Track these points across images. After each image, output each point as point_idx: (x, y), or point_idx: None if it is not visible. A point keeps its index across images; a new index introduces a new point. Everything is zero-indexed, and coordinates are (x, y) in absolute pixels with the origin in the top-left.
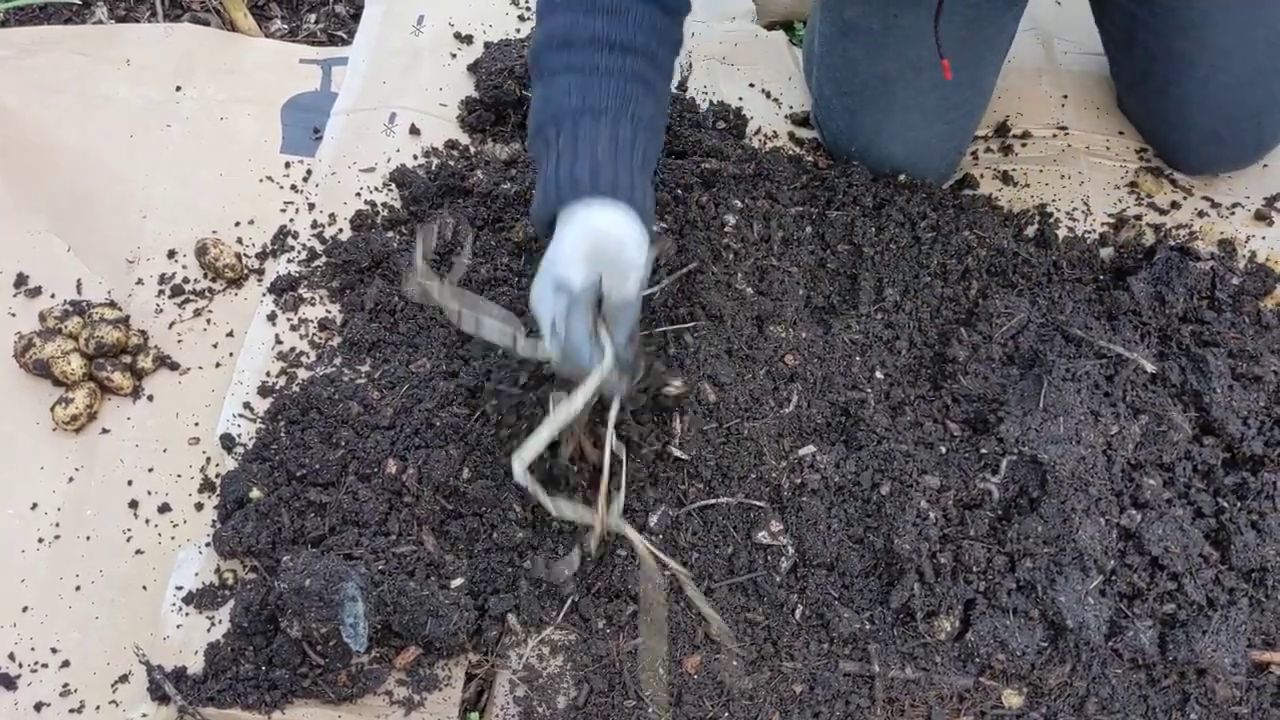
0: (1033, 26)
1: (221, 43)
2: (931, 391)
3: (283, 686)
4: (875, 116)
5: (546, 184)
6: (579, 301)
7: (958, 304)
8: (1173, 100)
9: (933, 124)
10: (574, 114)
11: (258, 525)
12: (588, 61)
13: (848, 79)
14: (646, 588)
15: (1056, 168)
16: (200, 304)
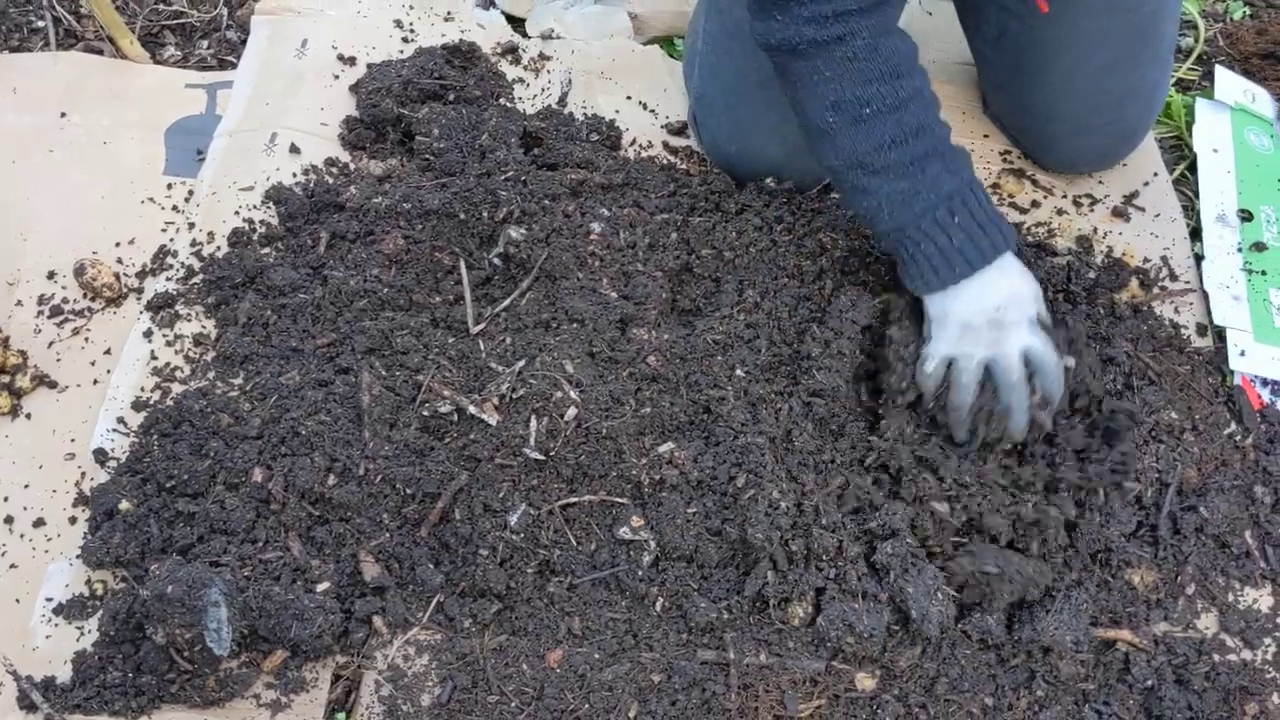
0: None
1: (109, 70)
2: (789, 387)
3: (150, 692)
4: (755, 114)
5: (966, 249)
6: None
7: (812, 302)
8: (1041, 91)
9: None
10: (954, 193)
11: (126, 536)
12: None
13: (733, 79)
14: None
15: None
16: (79, 323)
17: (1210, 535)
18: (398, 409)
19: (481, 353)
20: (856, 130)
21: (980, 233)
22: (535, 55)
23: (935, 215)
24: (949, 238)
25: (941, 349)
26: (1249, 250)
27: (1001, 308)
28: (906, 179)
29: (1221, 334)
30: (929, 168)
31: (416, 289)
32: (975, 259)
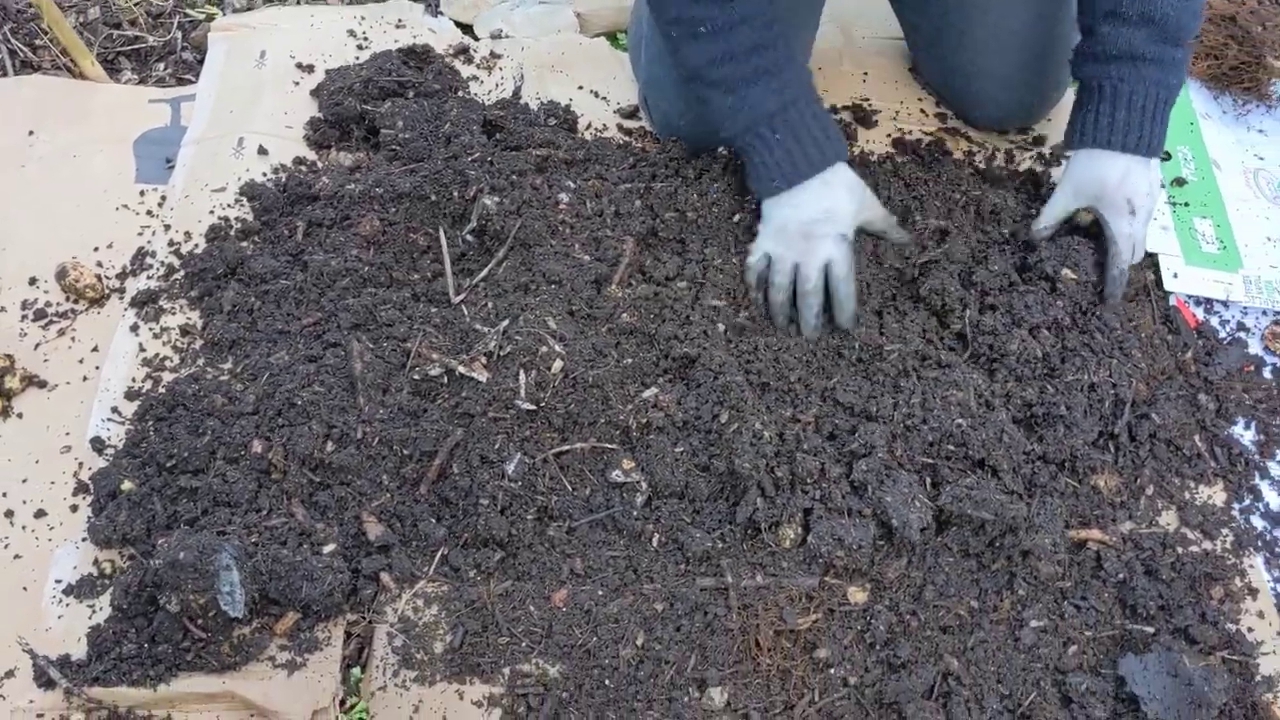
0: (833, 19)
1: (72, 90)
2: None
3: (166, 661)
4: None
5: (784, 164)
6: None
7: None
8: (968, 50)
9: None
10: (776, 112)
11: (131, 514)
12: (756, 68)
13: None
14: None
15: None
16: (64, 324)
17: (1163, 440)
18: (389, 375)
19: (465, 318)
20: (692, 45)
21: (799, 149)
22: (487, 54)
23: (758, 130)
24: (770, 151)
25: (762, 245)
26: (1171, 185)
27: (814, 221)
28: (734, 94)
29: (1155, 260)
30: (756, 84)
31: (396, 267)
32: (792, 174)
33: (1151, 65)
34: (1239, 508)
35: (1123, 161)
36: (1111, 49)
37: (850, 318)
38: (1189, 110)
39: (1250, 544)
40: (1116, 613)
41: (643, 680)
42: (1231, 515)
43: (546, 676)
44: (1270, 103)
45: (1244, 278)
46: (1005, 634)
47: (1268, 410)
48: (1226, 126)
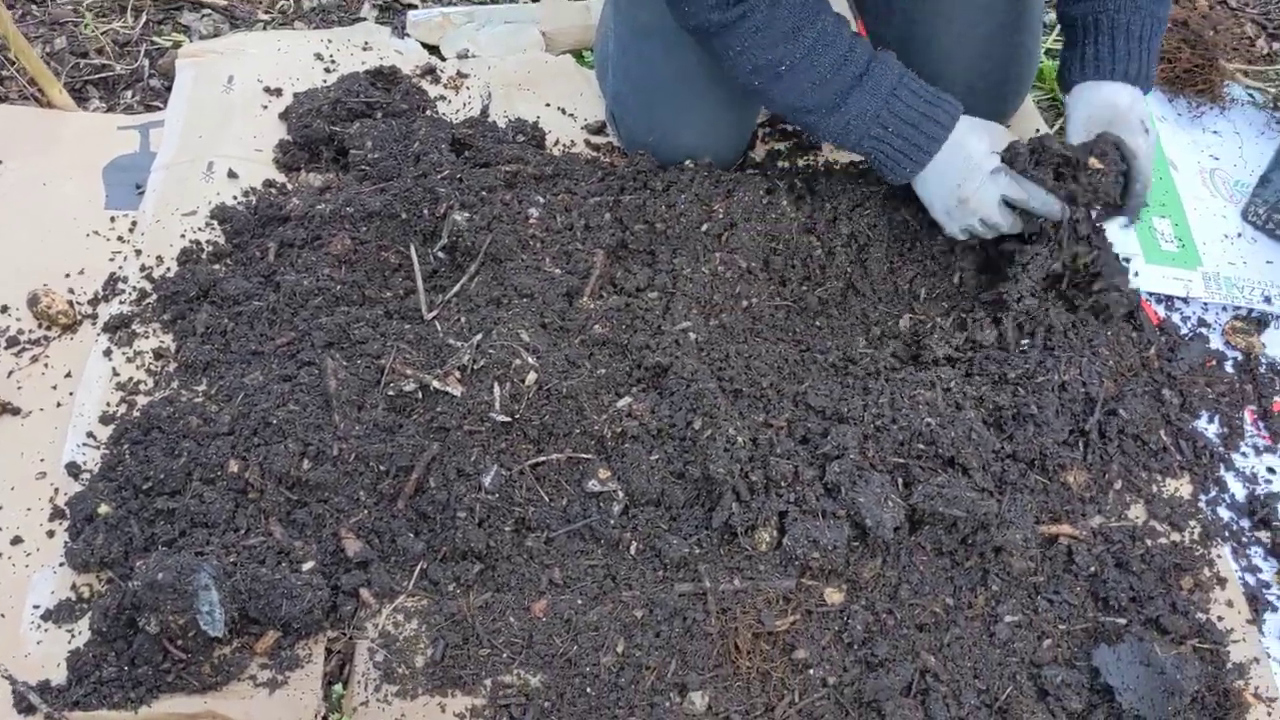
0: None
1: (39, 118)
2: (729, 338)
3: (147, 683)
4: (671, 109)
5: (909, 150)
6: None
7: (736, 266)
8: (931, 59)
9: (723, 113)
10: (882, 108)
11: (109, 537)
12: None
13: (644, 76)
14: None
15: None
16: (36, 351)
17: (1130, 436)
18: (363, 392)
19: (439, 333)
20: (779, 85)
21: (915, 131)
22: (454, 74)
23: (870, 134)
24: (889, 145)
25: (949, 226)
26: None
27: (960, 182)
28: (836, 113)
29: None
30: (850, 98)
31: (368, 285)
32: (918, 155)
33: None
34: (1205, 499)
35: (1127, 88)
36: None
37: (1056, 211)
38: (1159, 159)
39: (1217, 534)
40: (1089, 605)
41: (624, 687)
42: (1198, 507)
43: (528, 686)
44: (1223, 104)
45: (1203, 274)
46: (980, 630)
47: (1230, 404)
48: (1182, 129)
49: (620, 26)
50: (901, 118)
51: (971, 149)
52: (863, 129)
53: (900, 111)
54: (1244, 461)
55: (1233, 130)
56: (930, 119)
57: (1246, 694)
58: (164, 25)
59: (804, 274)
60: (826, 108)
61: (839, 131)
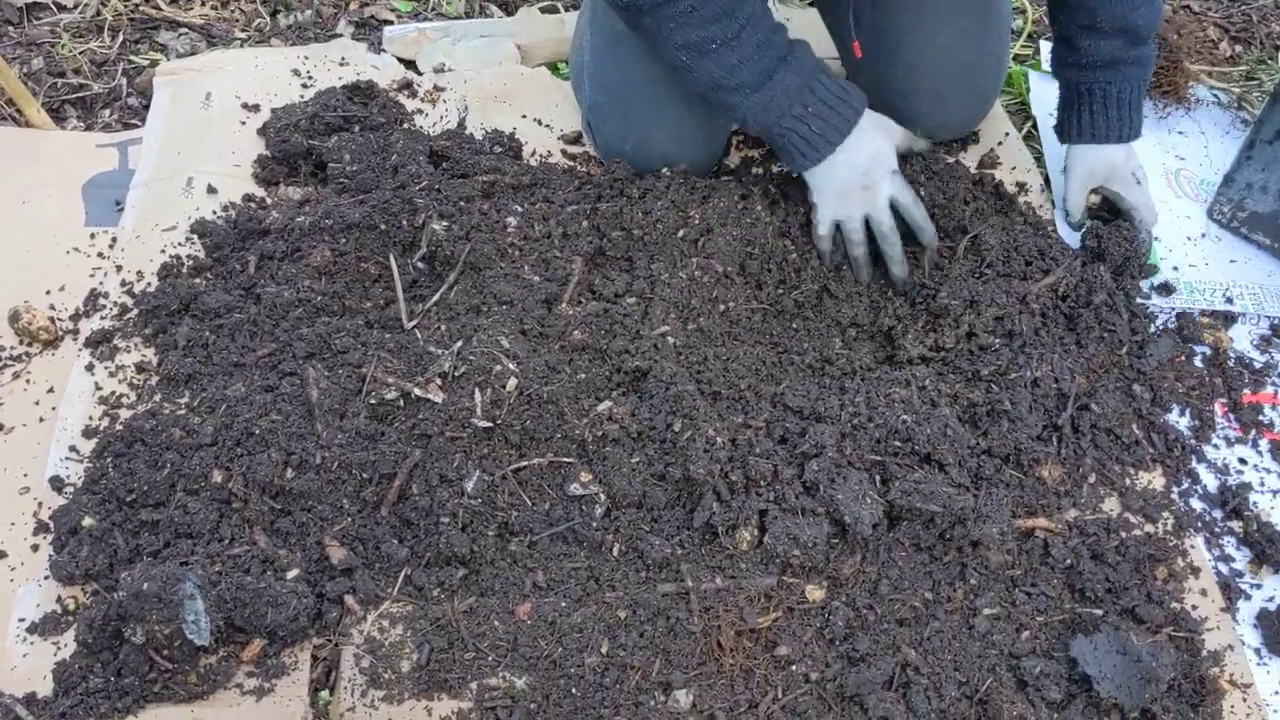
0: None
1: (18, 137)
2: (707, 341)
3: (133, 693)
4: (645, 114)
5: (822, 132)
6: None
7: (713, 271)
8: (899, 69)
9: (697, 117)
10: (801, 90)
11: (93, 549)
12: (771, 60)
13: (620, 83)
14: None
15: None
16: (18, 367)
17: (1104, 430)
18: (345, 401)
19: (419, 342)
20: (706, 61)
21: (832, 113)
22: (430, 88)
23: (791, 112)
24: (807, 125)
25: (826, 215)
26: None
27: (866, 170)
28: (759, 91)
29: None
30: (775, 76)
31: (348, 296)
32: (833, 136)
33: (1130, 65)
34: (1178, 491)
35: (1121, 147)
36: (1094, 59)
37: (932, 236)
38: None
39: (1190, 525)
40: (1066, 597)
41: (609, 687)
42: (1171, 499)
43: (514, 689)
44: (1189, 106)
45: (1159, 282)
46: (960, 623)
47: (1200, 397)
48: (1148, 130)
49: (595, 36)
50: (821, 99)
51: (880, 142)
52: (784, 107)
53: (820, 93)
54: (1215, 453)
55: (1198, 130)
56: (845, 103)
57: (1222, 680)
58: (141, 45)
59: (779, 277)
60: (751, 86)
61: (759, 110)
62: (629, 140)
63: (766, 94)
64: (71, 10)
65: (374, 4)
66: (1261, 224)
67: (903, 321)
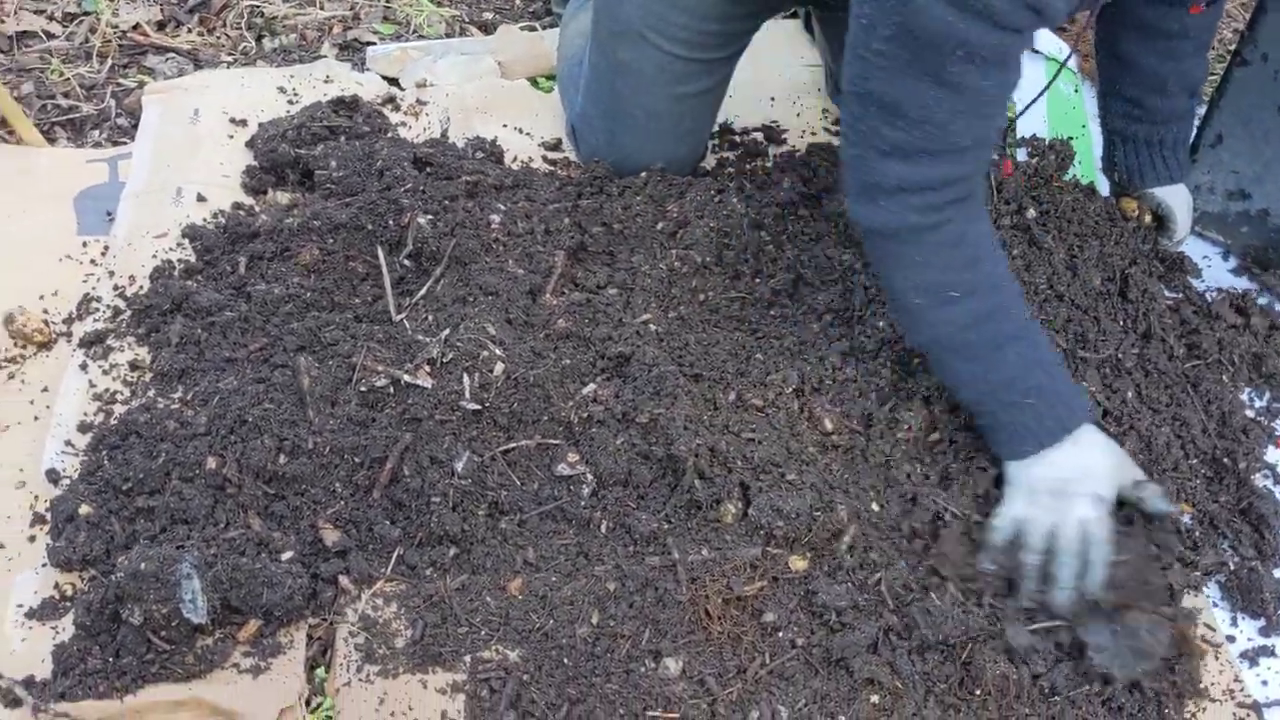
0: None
1: (11, 153)
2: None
3: (132, 673)
4: (636, 140)
5: (1034, 426)
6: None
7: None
8: None
9: (686, 139)
10: (1026, 376)
11: (90, 536)
12: (1005, 332)
13: (613, 108)
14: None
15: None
16: (13, 369)
17: None
18: (336, 389)
19: (408, 332)
20: (939, 313)
21: (1051, 412)
22: (413, 101)
23: (1008, 397)
24: (1022, 416)
25: (1011, 511)
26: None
27: (1070, 480)
28: (981, 361)
29: None
30: (1003, 350)
31: (337, 292)
32: (1045, 438)
33: (1188, 116)
34: None
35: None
36: (1164, 115)
37: (1101, 584)
38: (1081, 114)
39: None
40: None
41: (600, 656)
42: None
43: (507, 661)
44: None
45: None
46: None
47: None
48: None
49: (596, 56)
50: (1043, 393)
51: (1099, 461)
52: (998, 386)
53: (1045, 387)
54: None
55: None
56: (1070, 406)
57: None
58: (129, 69)
59: (756, 267)
60: (974, 351)
61: (973, 382)
62: (612, 155)
63: (987, 367)
64: (60, 38)
65: (356, 28)
66: (1213, 223)
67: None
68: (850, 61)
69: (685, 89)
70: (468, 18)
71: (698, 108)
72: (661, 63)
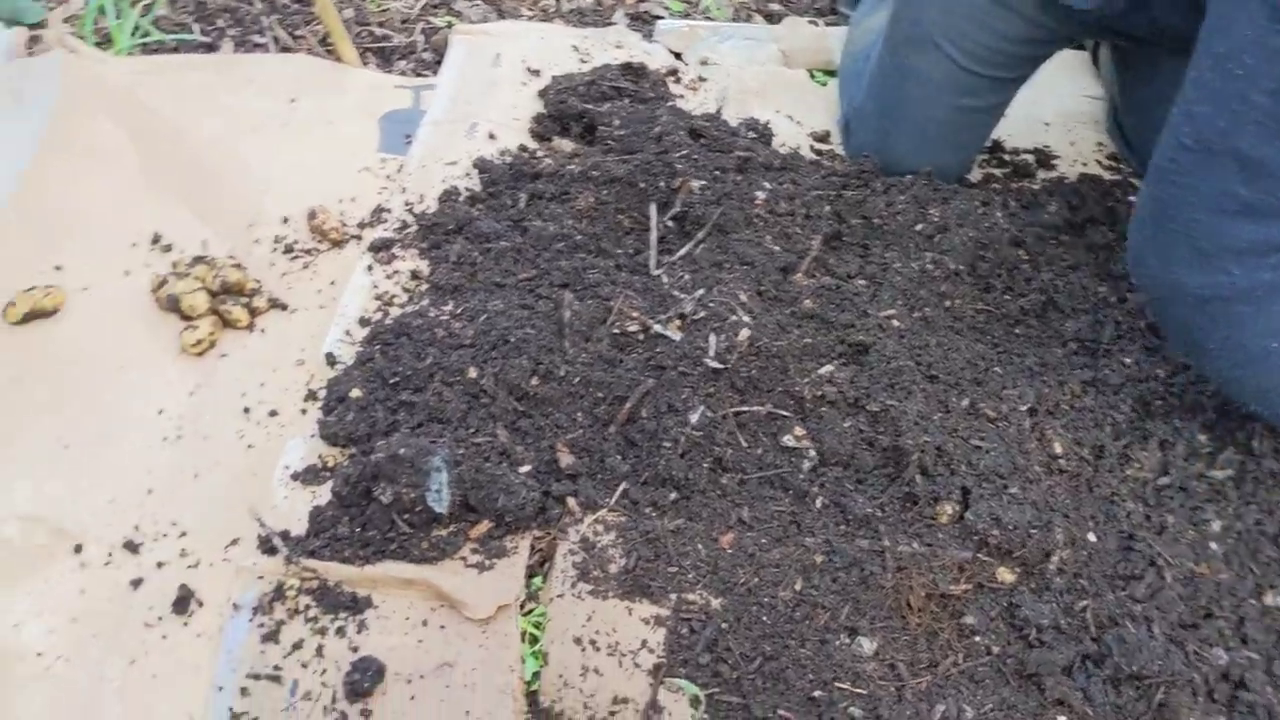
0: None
1: (329, 69)
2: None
3: (373, 545)
4: (909, 143)
5: None
6: None
7: (945, 267)
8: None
9: (958, 149)
10: None
11: (357, 417)
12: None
13: (893, 109)
14: None
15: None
16: (308, 259)
17: None
18: (592, 326)
19: (664, 286)
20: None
21: None
22: (694, 77)
23: None
24: None
25: None
26: None
27: None
28: None
29: None
30: None
31: (604, 239)
32: None
33: None
34: None
35: None
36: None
37: None
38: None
39: None
40: None
41: (798, 621)
42: None
43: (709, 606)
44: None
45: None
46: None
47: None
48: None
49: (886, 56)
50: None
51: None
52: None
53: None
54: None
55: None
56: None
57: None
58: (439, 9)
59: (1008, 283)
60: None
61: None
62: (881, 154)
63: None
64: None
65: (648, 1)
66: None
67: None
68: (1205, 114)
69: (968, 101)
70: (754, 5)
71: (976, 121)
72: (950, 73)
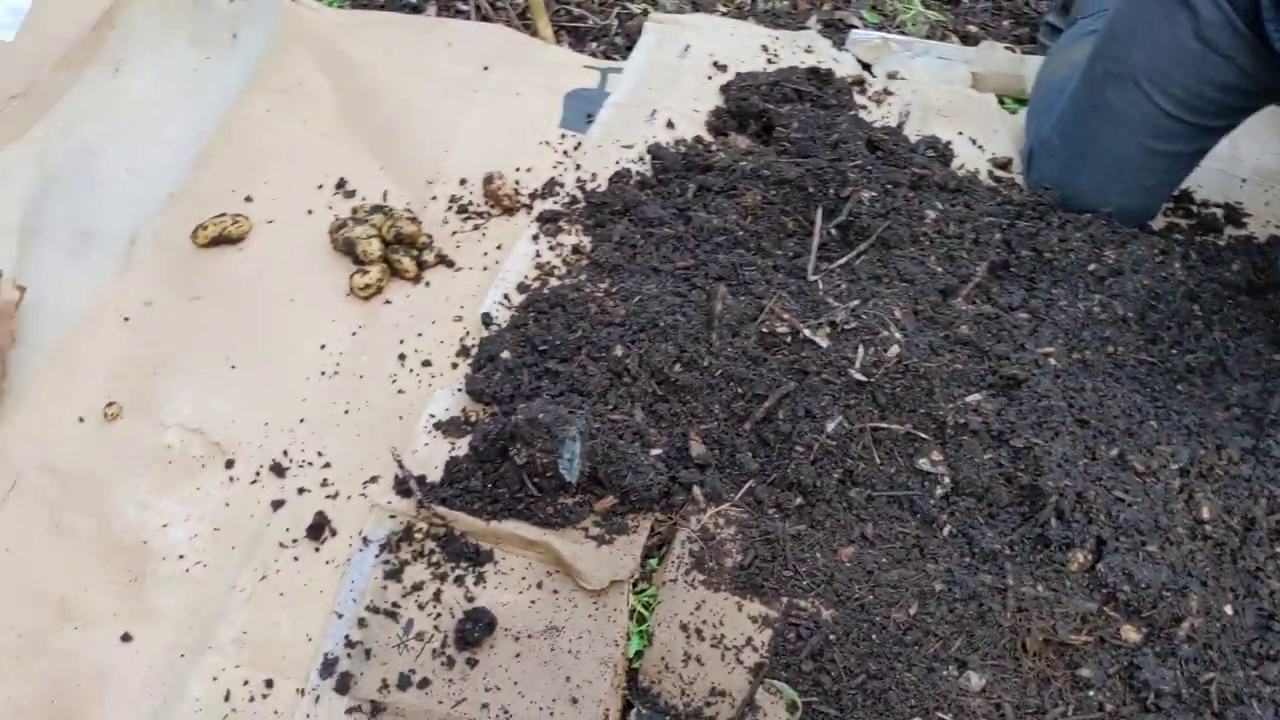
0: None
1: (524, 43)
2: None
3: (502, 502)
4: (1094, 180)
5: None
6: None
7: (1113, 311)
8: None
9: (1145, 194)
10: None
11: (503, 378)
12: None
13: (1082, 145)
14: None
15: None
16: (479, 222)
17: None
18: (741, 322)
19: (819, 291)
20: None
21: None
22: (880, 89)
23: None
24: None
25: None
26: None
27: None
28: None
29: None
30: None
31: (765, 239)
32: None
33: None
34: None
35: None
36: None
37: None
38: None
39: None
40: None
41: (908, 645)
42: None
43: (819, 616)
44: None
45: None
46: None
47: None
48: None
49: (1082, 90)
50: None
51: None
52: None
53: None
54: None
55: None
56: None
57: None
58: None
59: (1177, 337)
60: None
61: None
62: (1062, 189)
63: None
64: None
65: (844, 9)
66: None
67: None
68: None
69: (1163, 146)
70: (952, 25)
71: (1168, 167)
72: (1148, 114)
